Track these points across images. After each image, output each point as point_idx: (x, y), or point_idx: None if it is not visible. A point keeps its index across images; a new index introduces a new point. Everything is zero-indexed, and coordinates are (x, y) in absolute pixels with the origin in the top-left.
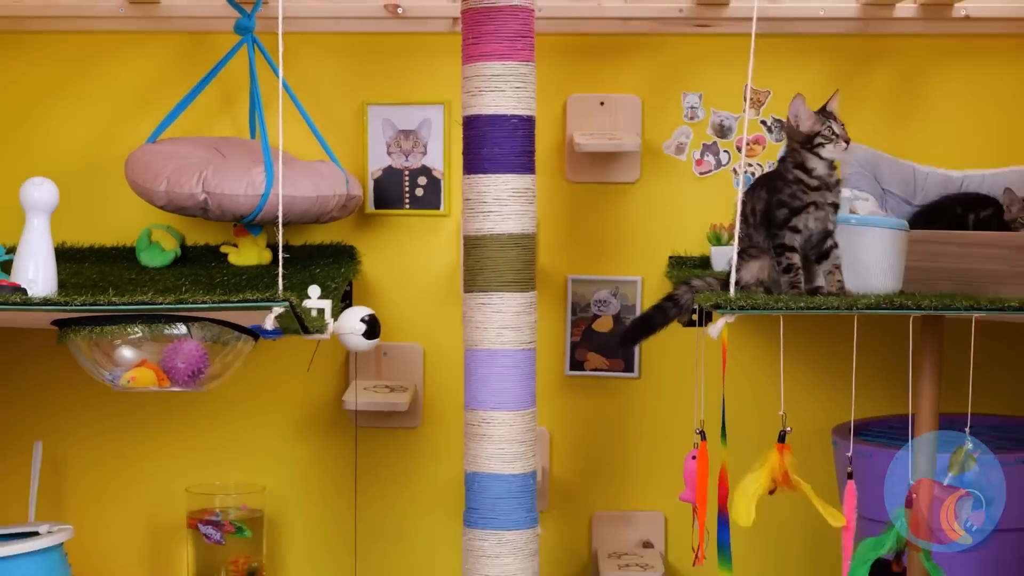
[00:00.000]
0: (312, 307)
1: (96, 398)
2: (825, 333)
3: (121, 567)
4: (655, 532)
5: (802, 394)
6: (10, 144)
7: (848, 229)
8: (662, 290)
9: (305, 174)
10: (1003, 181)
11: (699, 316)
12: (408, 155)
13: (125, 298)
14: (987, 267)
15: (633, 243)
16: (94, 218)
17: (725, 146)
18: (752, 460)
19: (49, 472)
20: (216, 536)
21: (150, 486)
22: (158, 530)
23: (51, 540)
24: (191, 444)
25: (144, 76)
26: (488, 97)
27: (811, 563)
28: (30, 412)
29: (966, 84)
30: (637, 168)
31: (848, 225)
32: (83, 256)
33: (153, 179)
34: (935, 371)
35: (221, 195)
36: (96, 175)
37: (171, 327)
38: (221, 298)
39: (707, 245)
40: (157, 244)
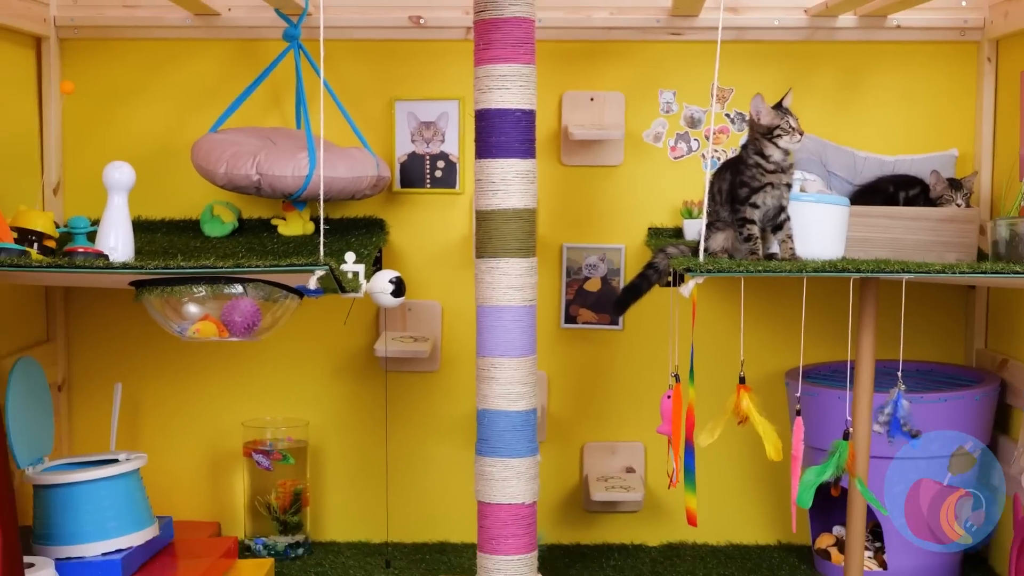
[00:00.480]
0: (348, 270)
1: (166, 347)
2: (779, 292)
3: (187, 489)
4: (636, 459)
5: (760, 344)
6: (95, 133)
7: (799, 205)
8: (642, 255)
9: (342, 159)
10: (929, 164)
11: (673, 278)
12: (429, 143)
13: (191, 263)
14: (915, 237)
15: (618, 216)
16: (165, 195)
17: (695, 135)
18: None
19: (127, 409)
20: (266, 463)
21: (211, 421)
22: (218, 458)
23: (129, 466)
24: (246, 385)
25: (207, 76)
26: (496, 94)
27: (765, 487)
28: (111, 359)
29: (898, 83)
30: (621, 153)
31: (799, 202)
32: (156, 227)
33: (215, 163)
34: (872, 324)
35: (272, 176)
36: (167, 159)
37: (230, 287)
38: (272, 263)
39: (680, 218)
40: (218, 217)
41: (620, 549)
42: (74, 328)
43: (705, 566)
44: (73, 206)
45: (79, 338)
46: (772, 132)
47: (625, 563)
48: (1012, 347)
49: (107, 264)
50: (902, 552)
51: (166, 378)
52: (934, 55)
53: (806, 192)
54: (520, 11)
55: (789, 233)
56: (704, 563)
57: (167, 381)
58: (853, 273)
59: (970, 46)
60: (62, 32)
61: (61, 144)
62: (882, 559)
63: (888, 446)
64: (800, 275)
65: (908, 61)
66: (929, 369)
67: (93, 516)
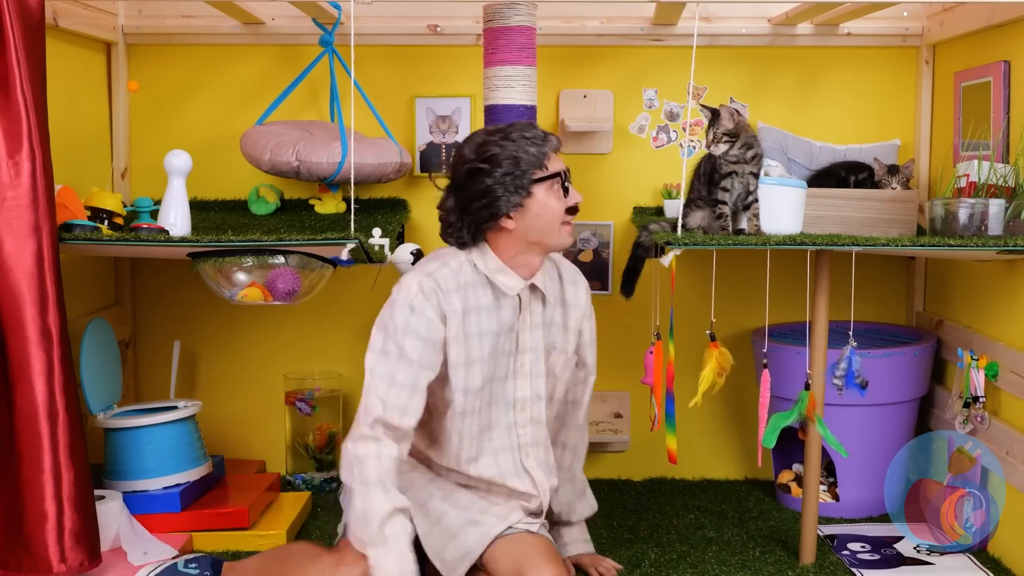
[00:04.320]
0: (375, 243)
1: (218, 309)
2: (747, 263)
3: (237, 432)
4: (623, 406)
5: (730, 307)
6: (157, 125)
7: (764, 188)
8: (628, 230)
9: (370, 147)
10: (875, 152)
11: (654, 250)
12: (445, 133)
13: (240, 237)
14: (863, 215)
15: (607, 198)
16: (217, 179)
17: (674, 127)
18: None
19: (184, 363)
20: (307, 410)
21: (257, 373)
22: (263, 405)
23: (186, 412)
24: (287, 342)
25: (253, 77)
26: (503, 91)
27: (734, 429)
28: (171, 320)
29: (848, 82)
30: (610, 143)
31: (764, 185)
32: (209, 206)
33: (260, 151)
34: (826, 290)
35: (309, 162)
36: (219, 147)
37: (273, 258)
38: (309, 237)
39: (661, 198)
40: (263, 198)
41: (609, 483)
42: (139, 293)
43: (683, 498)
44: (138, 188)
45: (143, 302)
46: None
47: (614, 495)
48: (946, 309)
49: (167, 238)
50: (852, 486)
51: (218, 336)
52: (879, 58)
53: (770, 176)
54: (523, 20)
55: (755, 212)
56: (682, 495)
57: (219, 339)
58: (810, 246)
59: (911, 51)
60: (129, 39)
61: (128, 135)
62: (835, 492)
63: (840, 398)
64: (764, 248)
65: (857, 63)
66: (875, 329)
67: (155, 455)
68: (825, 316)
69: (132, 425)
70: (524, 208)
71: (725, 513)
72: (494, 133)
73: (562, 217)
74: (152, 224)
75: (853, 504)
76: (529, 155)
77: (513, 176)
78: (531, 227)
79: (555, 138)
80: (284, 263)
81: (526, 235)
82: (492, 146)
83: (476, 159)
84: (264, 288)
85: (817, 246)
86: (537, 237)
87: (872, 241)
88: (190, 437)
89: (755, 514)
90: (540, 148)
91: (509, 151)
